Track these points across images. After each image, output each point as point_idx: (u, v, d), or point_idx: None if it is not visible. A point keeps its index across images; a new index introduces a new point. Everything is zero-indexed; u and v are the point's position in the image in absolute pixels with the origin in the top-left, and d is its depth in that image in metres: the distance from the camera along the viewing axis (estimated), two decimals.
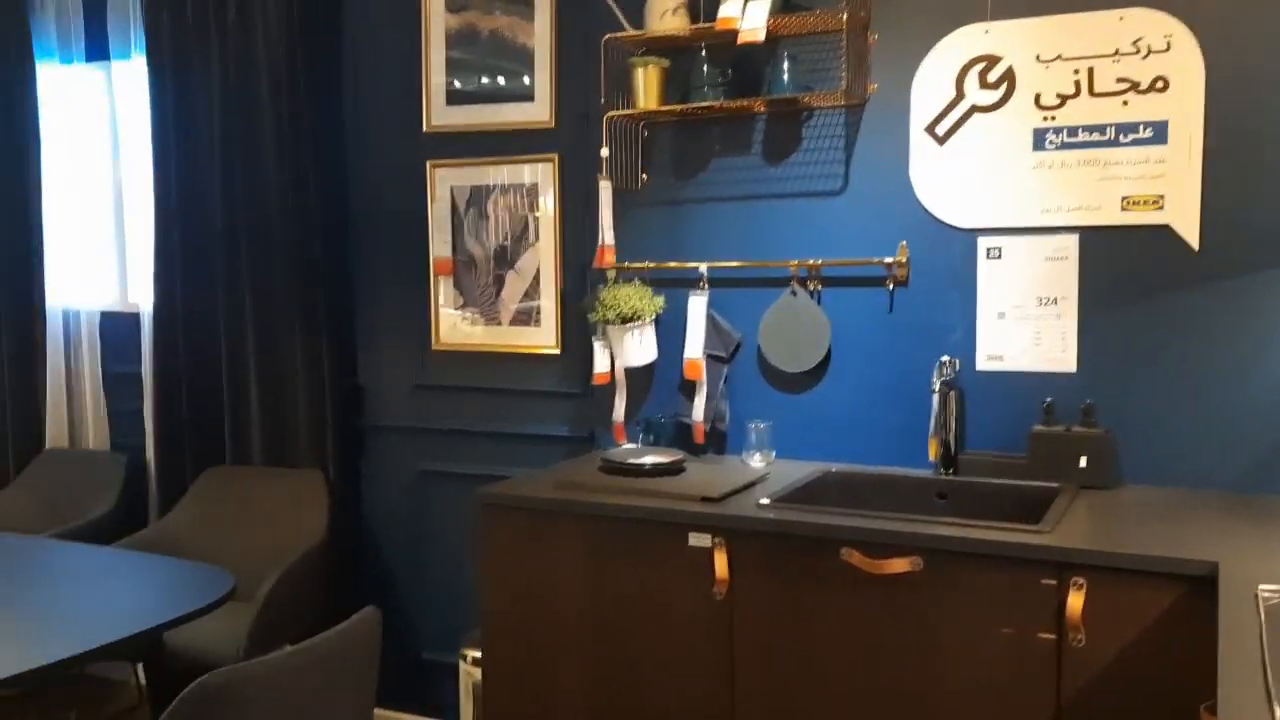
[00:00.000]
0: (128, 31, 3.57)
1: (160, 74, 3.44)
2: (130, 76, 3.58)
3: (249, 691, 1.73)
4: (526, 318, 3.17)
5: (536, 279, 3.15)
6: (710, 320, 2.83)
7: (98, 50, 3.67)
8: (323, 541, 3.19)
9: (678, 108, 2.77)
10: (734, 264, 2.84)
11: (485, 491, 2.53)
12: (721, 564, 2.26)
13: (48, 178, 3.71)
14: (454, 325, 3.28)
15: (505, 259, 3.20)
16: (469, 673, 2.93)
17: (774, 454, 2.73)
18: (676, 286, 2.91)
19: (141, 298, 3.60)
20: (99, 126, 3.74)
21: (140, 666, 3.05)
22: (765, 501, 2.33)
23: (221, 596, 2.29)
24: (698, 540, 2.28)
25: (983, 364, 2.60)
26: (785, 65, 2.65)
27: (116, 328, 3.73)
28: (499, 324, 3.22)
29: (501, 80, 3.15)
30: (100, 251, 3.78)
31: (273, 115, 3.30)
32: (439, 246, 3.28)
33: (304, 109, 3.29)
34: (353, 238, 3.41)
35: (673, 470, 2.60)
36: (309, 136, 3.30)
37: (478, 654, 2.77)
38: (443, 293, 3.29)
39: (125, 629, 2.12)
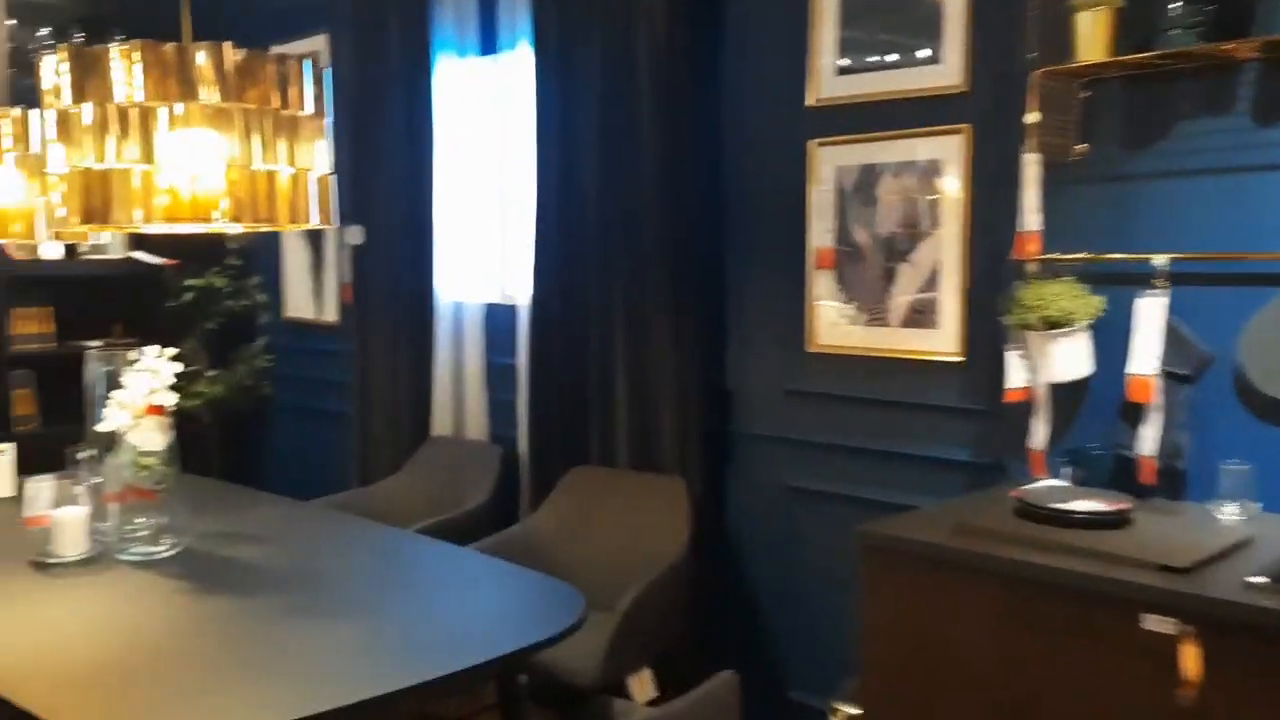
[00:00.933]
0: (515, 22, 3.53)
1: (544, 64, 3.35)
2: (516, 68, 3.54)
3: None
4: (921, 318, 2.71)
5: (935, 273, 2.68)
6: (1170, 328, 2.20)
7: (489, 42, 3.68)
8: (684, 555, 2.94)
9: (1134, 58, 2.18)
10: (1205, 256, 2.20)
11: (867, 532, 2.12)
12: (1191, 661, 1.68)
13: (439, 171, 3.77)
14: (834, 325, 2.89)
15: (897, 249, 2.76)
16: None
17: (1258, 506, 2.07)
18: (1120, 284, 2.31)
19: (520, 291, 3.56)
20: (487, 119, 3.75)
21: None
22: (1258, 580, 1.71)
23: (572, 625, 2.08)
24: (1157, 625, 1.72)
25: None
26: None
27: (498, 320, 3.73)
28: (886, 324, 2.78)
29: (902, 39, 2.70)
30: (485, 244, 3.80)
31: (651, 104, 3.09)
32: (819, 235, 2.90)
33: (683, 97, 3.05)
34: (725, 229, 3.13)
35: (1115, 522, 2.03)
36: (687, 126, 3.06)
37: (854, 712, 2.37)
38: (822, 288, 2.91)
39: (481, 652, 1.97)
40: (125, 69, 1.92)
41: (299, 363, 4.64)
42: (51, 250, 4.25)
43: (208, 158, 1.98)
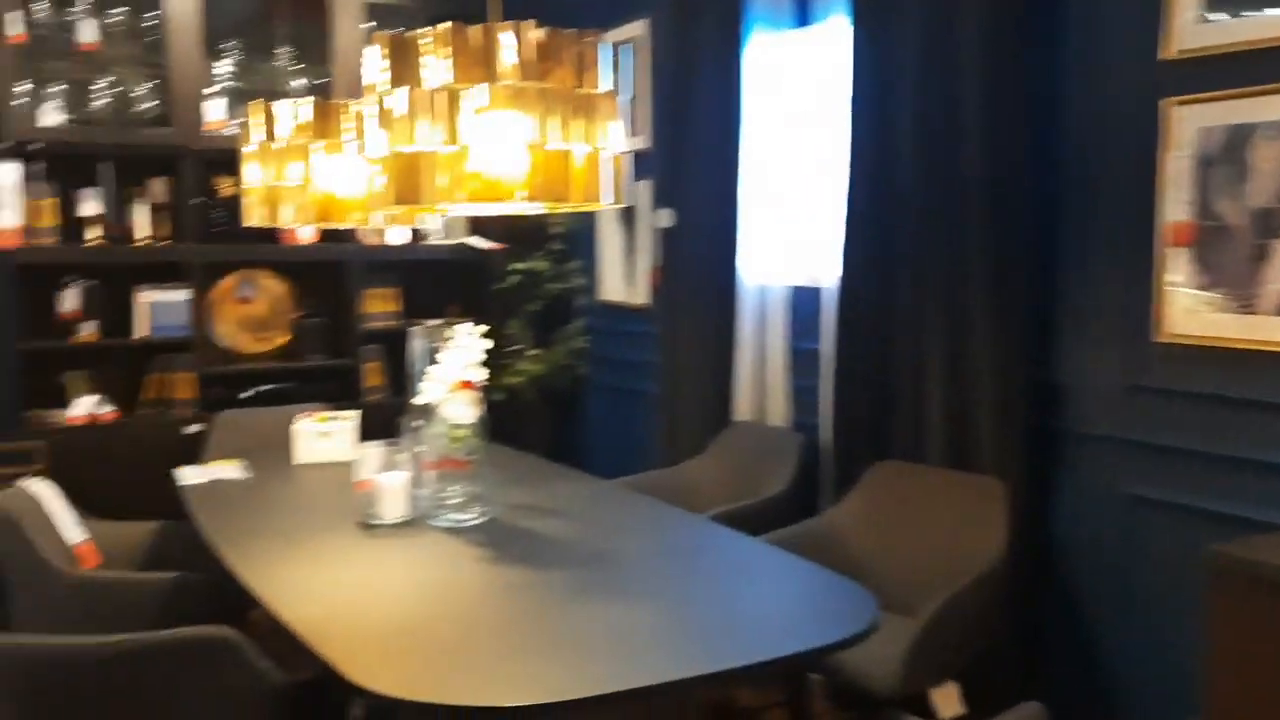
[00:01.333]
0: None
1: (861, 34, 3.16)
2: (830, 40, 3.38)
3: None
4: None
5: None
6: None
7: (802, 14, 3.54)
8: (999, 562, 2.68)
9: None
10: None
11: (1220, 552, 1.80)
12: None
13: (746, 150, 3.70)
14: (1190, 311, 2.50)
15: (1274, 224, 2.33)
16: None
17: None
18: None
19: (826, 273, 3.41)
20: (798, 95, 3.63)
21: None
22: None
23: (862, 631, 1.92)
24: None
25: None
26: None
27: (803, 304, 3.60)
28: (1256, 312, 2.36)
29: None
30: (791, 225, 3.68)
31: (976, 73, 2.82)
32: (1174, 208, 2.52)
33: (1011, 64, 2.77)
34: (1056, 205, 2.80)
35: None
36: (1015, 95, 2.77)
37: None
38: (1176, 269, 2.52)
39: (770, 648, 1.89)
40: (434, 54, 1.98)
41: (612, 344, 4.76)
42: (398, 235, 4.64)
43: (510, 139, 2.01)
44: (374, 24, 4.59)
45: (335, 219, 2.84)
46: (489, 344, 2.62)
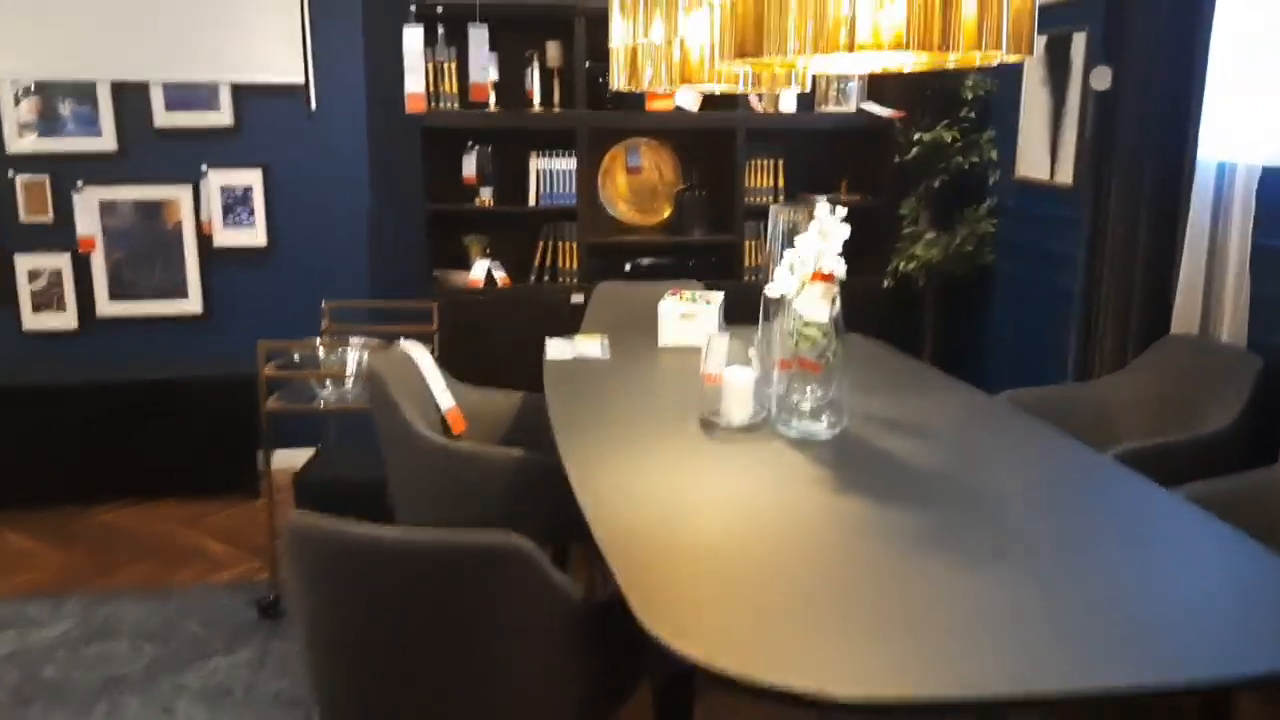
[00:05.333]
0: None
1: None
2: None
3: None
4: None
5: None
6: None
7: None
8: None
9: None
10: None
11: None
12: None
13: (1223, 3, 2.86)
14: None
15: None
16: None
17: None
18: None
19: None
20: None
21: None
22: None
23: None
24: None
25: None
26: None
27: (1277, 189, 2.78)
28: None
29: None
30: (1275, 87, 2.82)
31: None
32: None
33: None
34: None
35: None
36: None
37: None
38: None
39: (1179, 666, 1.38)
40: None
41: (1027, 229, 4.10)
42: (787, 102, 4.26)
43: None
44: None
45: (694, 80, 2.54)
46: (847, 231, 2.22)
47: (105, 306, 4.35)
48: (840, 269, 2.24)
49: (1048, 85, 3.86)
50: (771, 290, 2.32)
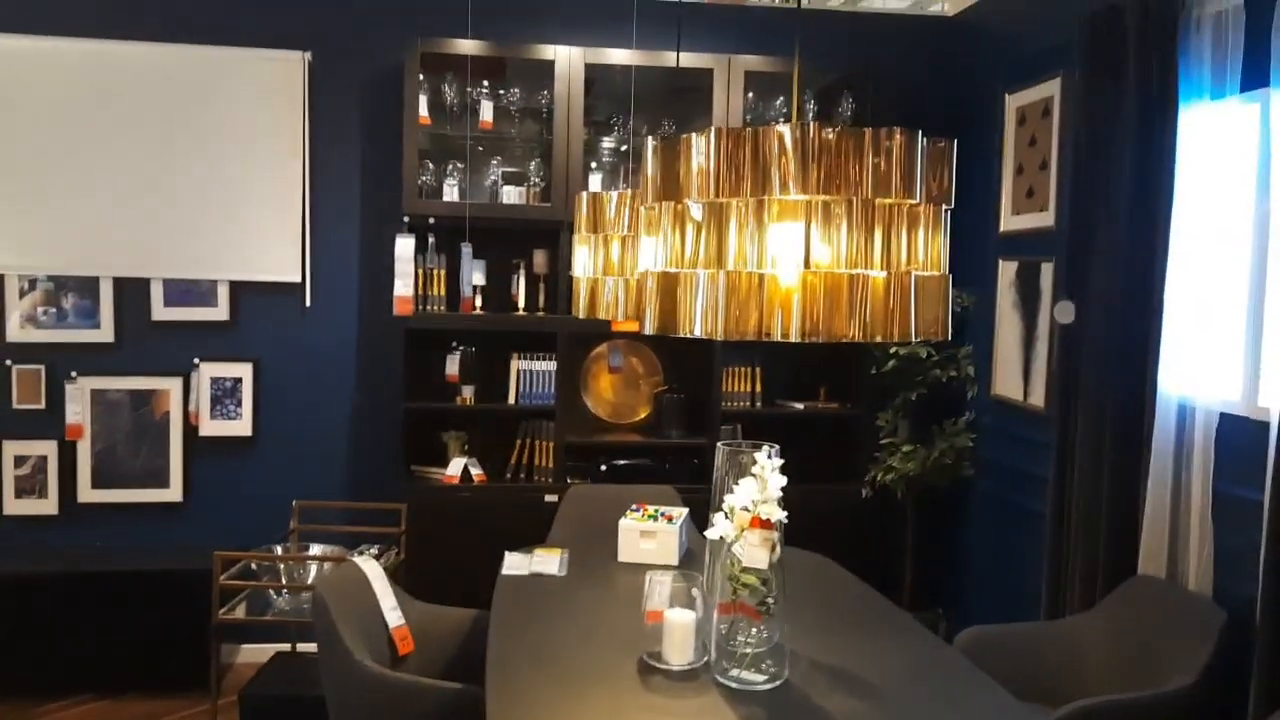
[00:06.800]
0: None
1: None
2: None
3: None
4: None
5: None
6: None
7: (1254, 77, 2.74)
8: None
9: None
10: None
11: None
12: None
13: (1175, 240, 2.94)
14: None
15: None
16: None
17: None
18: None
19: (1276, 400, 2.58)
20: (1244, 175, 2.82)
21: None
22: None
23: None
24: None
25: None
26: None
27: (1237, 435, 2.77)
28: None
29: None
30: (1232, 332, 2.86)
31: None
32: None
33: None
34: None
35: None
36: None
37: None
38: None
39: None
40: (703, 156, 1.66)
41: (1004, 448, 4.10)
42: None
43: (783, 258, 1.64)
44: (750, 95, 4.38)
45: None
46: (783, 481, 2.22)
47: (87, 493, 4.38)
48: (778, 515, 2.23)
49: (1019, 310, 3.93)
50: (711, 533, 2.31)
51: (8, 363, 4.29)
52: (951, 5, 4.60)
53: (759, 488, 2.24)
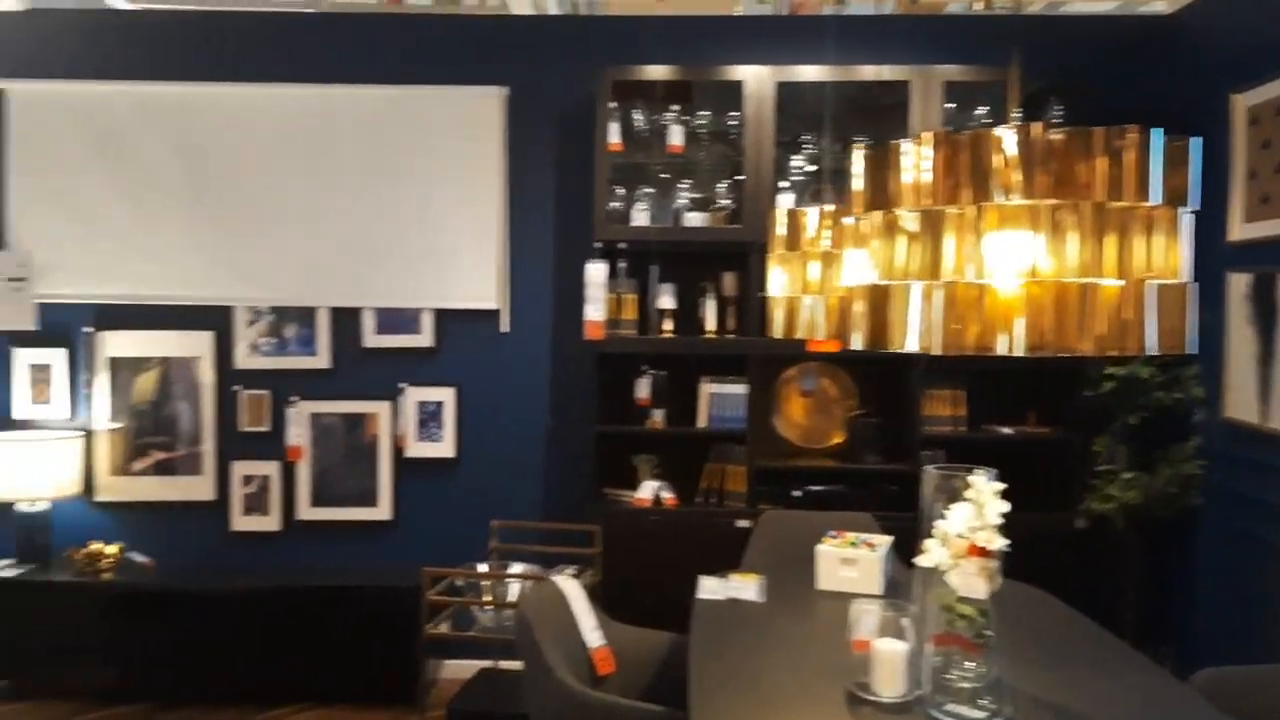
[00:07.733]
0: None
1: None
2: None
3: None
4: None
5: None
6: None
7: None
8: None
9: None
10: None
11: None
12: None
13: None
14: None
15: None
16: None
17: None
18: None
19: None
20: None
21: None
22: None
23: None
24: None
25: None
26: None
27: None
28: None
29: None
30: None
31: None
32: None
33: None
34: None
35: None
36: None
37: None
38: None
39: None
40: (914, 163, 1.59)
41: (1237, 475, 3.76)
42: None
43: (1003, 267, 1.54)
44: (953, 105, 4.22)
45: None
46: (1005, 506, 2.09)
47: (305, 511, 4.64)
48: (999, 544, 2.10)
49: (1254, 324, 3.61)
50: (922, 561, 2.20)
51: (236, 388, 4.62)
52: (1169, 3, 4.32)
53: (975, 514, 2.12)
